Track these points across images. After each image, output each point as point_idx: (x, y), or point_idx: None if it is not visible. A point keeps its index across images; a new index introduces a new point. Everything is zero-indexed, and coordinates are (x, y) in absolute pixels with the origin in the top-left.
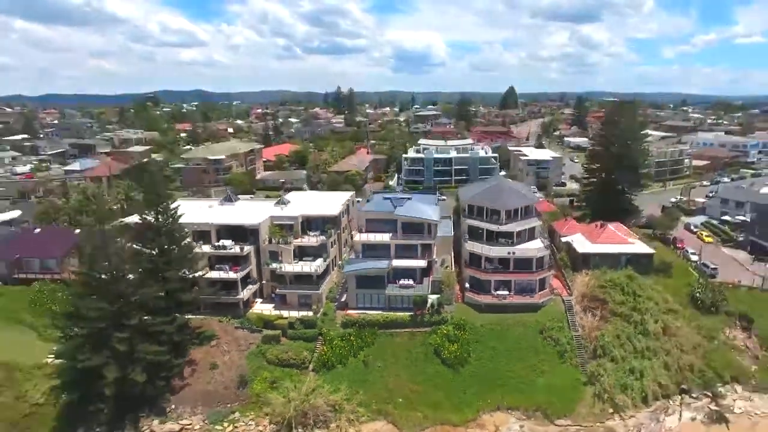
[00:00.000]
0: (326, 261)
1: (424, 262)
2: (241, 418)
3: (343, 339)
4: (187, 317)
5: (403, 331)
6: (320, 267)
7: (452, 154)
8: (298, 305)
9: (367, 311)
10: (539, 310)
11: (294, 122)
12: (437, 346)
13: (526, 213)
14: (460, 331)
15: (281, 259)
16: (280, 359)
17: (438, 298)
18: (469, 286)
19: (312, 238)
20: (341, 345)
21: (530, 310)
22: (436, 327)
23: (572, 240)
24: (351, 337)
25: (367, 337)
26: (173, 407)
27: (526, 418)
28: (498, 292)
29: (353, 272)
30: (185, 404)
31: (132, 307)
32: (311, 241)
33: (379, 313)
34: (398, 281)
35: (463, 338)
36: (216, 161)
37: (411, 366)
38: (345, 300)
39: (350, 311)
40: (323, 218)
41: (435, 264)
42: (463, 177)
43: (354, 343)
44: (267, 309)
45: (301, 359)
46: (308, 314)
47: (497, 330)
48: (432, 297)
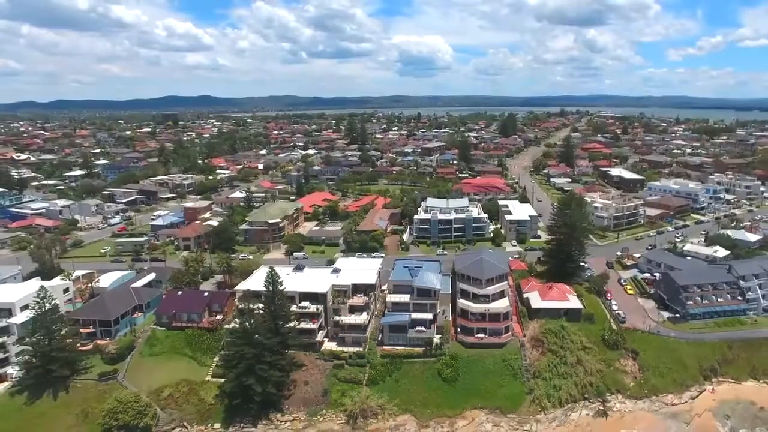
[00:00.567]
0: (369, 314)
1: (432, 315)
2: (327, 413)
3: (382, 365)
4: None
5: (418, 360)
6: (366, 319)
7: (452, 216)
8: (353, 343)
9: (396, 347)
10: (503, 347)
11: (313, 154)
12: (439, 370)
13: (499, 279)
14: (454, 360)
15: (341, 314)
16: (346, 378)
17: (440, 338)
18: (460, 330)
19: (359, 299)
20: (381, 369)
21: (498, 347)
22: (439, 357)
23: (530, 297)
24: (387, 365)
25: (397, 364)
26: (287, 407)
27: (491, 413)
28: (478, 335)
29: (387, 322)
30: (293, 405)
31: (264, 349)
32: (359, 302)
33: (403, 349)
34: (415, 328)
35: (455, 365)
36: (273, 223)
37: (423, 382)
38: (382, 339)
39: (385, 347)
40: (365, 285)
41: (438, 315)
42: (461, 234)
43: (389, 368)
44: (333, 346)
45: (358, 378)
46: (359, 349)
47: (476, 359)
48: (436, 337)
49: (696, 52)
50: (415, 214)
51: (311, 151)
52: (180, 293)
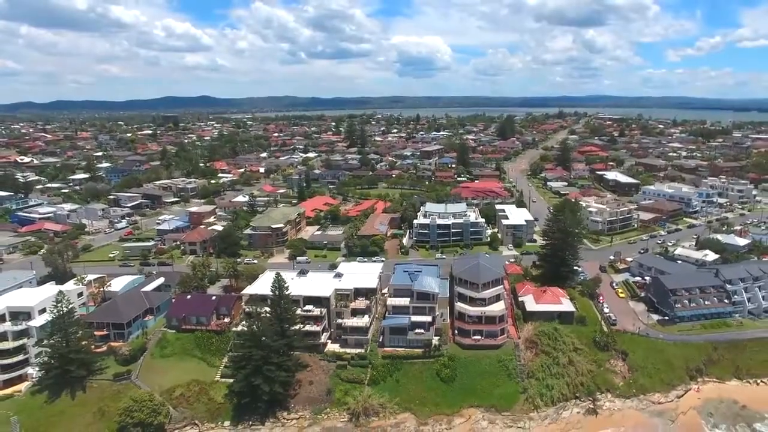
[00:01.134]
0: (371, 317)
1: (430, 318)
2: (331, 412)
3: (383, 366)
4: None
5: (418, 361)
6: (367, 322)
7: (450, 220)
8: (355, 345)
9: (397, 349)
10: (499, 349)
11: (313, 158)
12: (438, 370)
13: (495, 283)
14: (452, 361)
15: (343, 317)
16: (349, 378)
17: (438, 340)
18: (457, 332)
19: (361, 303)
20: (382, 370)
21: (494, 349)
22: (437, 358)
23: (525, 300)
24: (388, 365)
25: (397, 365)
26: (293, 406)
27: (486, 412)
28: (475, 337)
29: (388, 325)
30: (299, 404)
31: (271, 350)
32: (361, 305)
33: (403, 350)
34: (415, 330)
35: (453, 365)
36: (277, 228)
37: (422, 382)
38: (382, 341)
39: (386, 349)
40: (367, 289)
41: (437, 317)
42: (459, 238)
43: (389, 369)
44: (336, 347)
45: (361, 378)
46: (361, 351)
47: (473, 360)
48: (435, 339)
49: (695, 53)
50: (415, 219)
51: (311, 155)
52: (189, 297)
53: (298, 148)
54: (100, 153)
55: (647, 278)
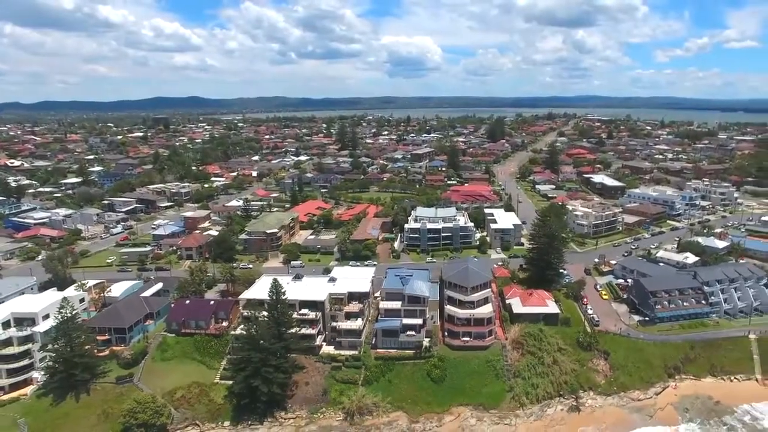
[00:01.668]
0: (364, 320)
1: (421, 320)
2: (327, 411)
3: (376, 367)
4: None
5: (409, 362)
6: (361, 325)
7: (440, 225)
8: (349, 347)
9: (389, 350)
10: (487, 350)
11: (305, 161)
12: (428, 371)
13: (483, 286)
14: (442, 362)
15: (338, 320)
16: (343, 379)
17: (429, 342)
18: (447, 334)
19: (355, 306)
20: (375, 370)
21: (482, 349)
22: (428, 359)
23: (512, 302)
24: (380, 366)
25: (389, 366)
26: (290, 406)
27: (475, 409)
28: (464, 338)
29: (380, 327)
30: (296, 404)
31: (269, 353)
32: (354, 309)
33: (396, 351)
34: (406, 332)
35: (443, 366)
36: (271, 233)
37: (414, 382)
38: (375, 343)
39: (379, 350)
40: (360, 293)
41: (427, 320)
42: (449, 242)
43: (382, 369)
44: (331, 349)
45: (355, 379)
46: (355, 353)
47: (462, 361)
48: (426, 341)
49: (683, 54)
50: (406, 223)
51: (303, 158)
52: (188, 302)
53: (290, 151)
54: (92, 156)
55: (630, 280)
